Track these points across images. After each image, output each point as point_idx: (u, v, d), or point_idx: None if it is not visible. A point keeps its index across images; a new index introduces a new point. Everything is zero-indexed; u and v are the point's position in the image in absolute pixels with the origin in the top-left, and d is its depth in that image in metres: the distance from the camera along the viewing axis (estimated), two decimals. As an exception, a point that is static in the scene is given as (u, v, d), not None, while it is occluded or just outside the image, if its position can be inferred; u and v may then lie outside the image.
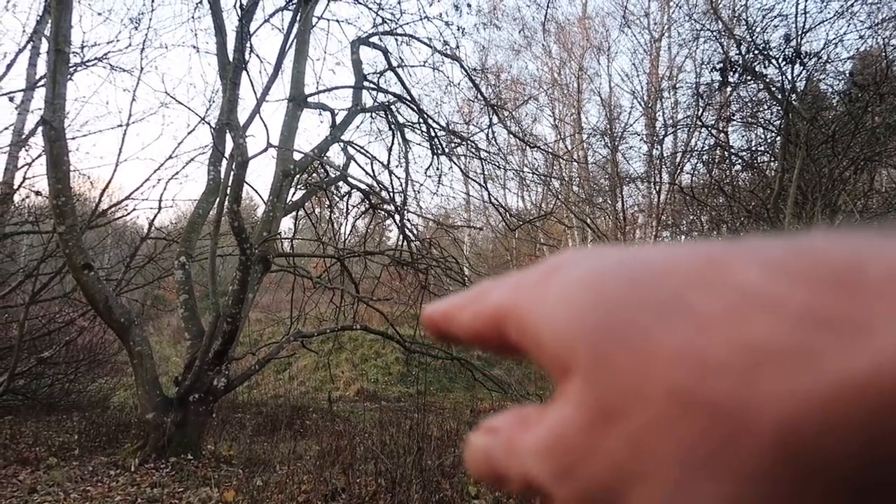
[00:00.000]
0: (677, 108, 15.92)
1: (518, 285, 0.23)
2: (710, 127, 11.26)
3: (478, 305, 0.24)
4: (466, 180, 12.45)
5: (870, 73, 9.02)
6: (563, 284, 0.21)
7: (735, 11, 12.16)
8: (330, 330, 7.82)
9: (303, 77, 7.90)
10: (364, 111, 8.82)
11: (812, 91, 9.62)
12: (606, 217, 19.14)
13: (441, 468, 4.70)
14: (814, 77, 9.37)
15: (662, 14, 17.06)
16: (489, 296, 0.24)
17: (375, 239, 12.15)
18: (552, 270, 0.22)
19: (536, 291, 0.22)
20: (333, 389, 13.15)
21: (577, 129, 19.55)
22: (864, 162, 9.06)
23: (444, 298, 0.27)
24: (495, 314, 0.23)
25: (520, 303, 0.22)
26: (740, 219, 10.64)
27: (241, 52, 5.86)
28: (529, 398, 8.93)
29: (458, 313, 0.25)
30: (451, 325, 0.25)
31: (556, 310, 0.20)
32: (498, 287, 0.24)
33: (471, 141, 9.89)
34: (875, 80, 8.36)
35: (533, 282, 0.22)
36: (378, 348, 15.66)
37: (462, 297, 0.26)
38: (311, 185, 8.51)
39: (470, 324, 0.24)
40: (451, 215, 22.34)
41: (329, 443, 5.55)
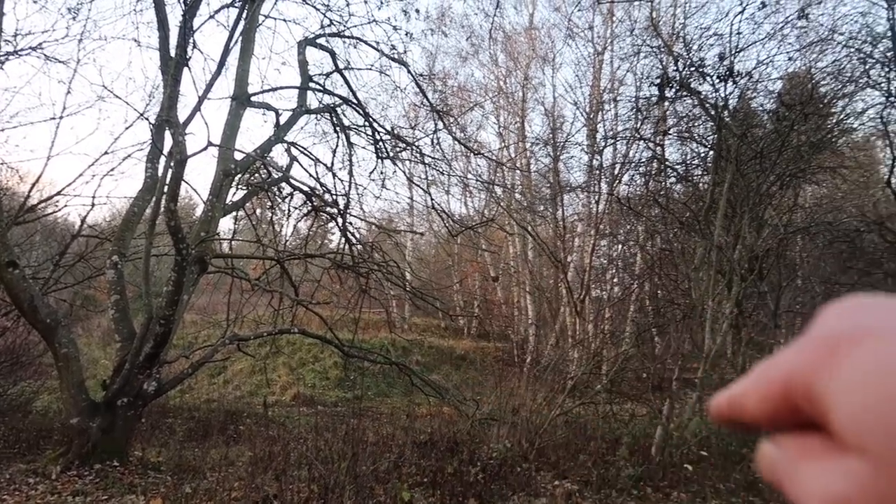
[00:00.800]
0: (617, 120, 16.36)
1: (806, 357, 0.24)
2: (648, 140, 11.62)
3: (766, 384, 0.26)
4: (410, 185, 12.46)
5: (796, 94, 9.49)
6: (859, 370, 0.22)
7: (674, 29, 12.61)
8: (267, 333, 7.70)
9: (247, 76, 7.78)
10: (309, 112, 8.74)
11: (743, 109, 10.05)
12: (547, 225, 19.49)
13: (375, 474, 4.70)
14: (745, 95, 9.80)
15: (606, 28, 17.50)
16: (772, 373, 0.26)
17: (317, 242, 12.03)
18: (844, 346, 0.23)
19: (830, 368, 0.23)
20: (269, 394, 12.93)
21: (521, 138, 19.84)
22: (790, 178, 9.53)
23: (729, 388, 0.29)
24: (784, 388, 0.25)
25: (811, 376, 0.24)
26: (674, 230, 11.02)
27: (183, 48, 5.74)
28: (467, 403, 9.01)
29: (744, 398, 0.27)
30: (742, 410, 0.27)
31: (851, 393, 0.22)
32: (779, 363, 0.26)
33: (416, 146, 9.91)
34: (801, 100, 8.81)
35: (823, 356, 0.24)
36: (316, 352, 15.50)
37: (744, 383, 0.27)
38: (252, 185, 8.37)
39: (761, 406, 0.26)
40: (394, 220, 22.32)
41: (262, 448, 5.48)
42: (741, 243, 8.37)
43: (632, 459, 6.35)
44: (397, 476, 4.71)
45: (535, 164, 20.07)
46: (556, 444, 6.75)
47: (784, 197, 10.37)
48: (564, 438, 7.12)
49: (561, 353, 12.46)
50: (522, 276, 19.67)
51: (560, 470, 6.08)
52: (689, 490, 6.00)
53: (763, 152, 8.80)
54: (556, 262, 16.85)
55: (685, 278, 9.89)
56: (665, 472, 6.26)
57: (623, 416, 8.54)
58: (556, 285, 18.86)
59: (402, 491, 4.37)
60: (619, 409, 8.72)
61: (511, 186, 18.41)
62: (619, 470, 6.03)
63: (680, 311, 9.37)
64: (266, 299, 8.72)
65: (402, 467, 5.03)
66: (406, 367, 8.62)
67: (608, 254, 16.72)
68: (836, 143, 10.73)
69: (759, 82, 9.68)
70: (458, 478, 5.00)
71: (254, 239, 8.77)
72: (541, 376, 9.69)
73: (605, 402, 8.64)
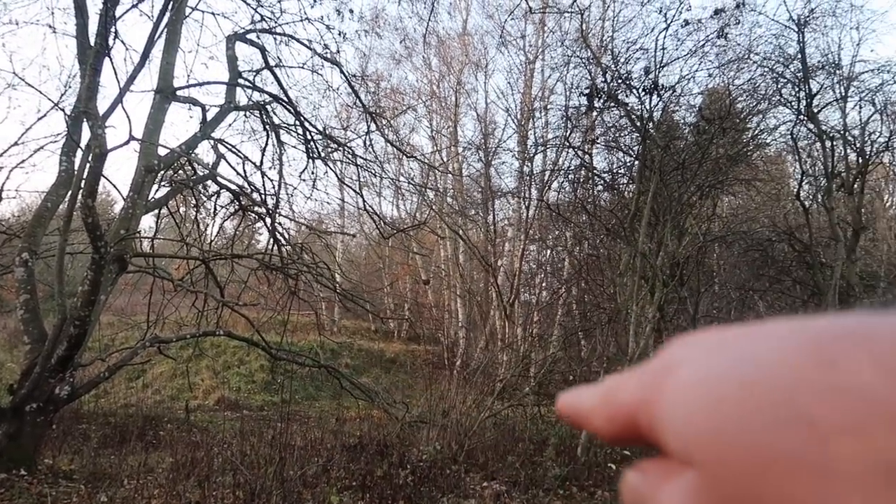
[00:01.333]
0: (547, 128, 16.72)
1: (642, 384, 0.25)
2: (577, 148, 11.90)
3: (610, 408, 0.26)
4: (342, 186, 12.32)
5: (715, 109, 9.94)
6: (679, 386, 0.23)
7: (602, 42, 12.98)
8: (191, 335, 7.44)
9: (172, 69, 7.50)
10: (238, 109, 8.51)
11: (667, 121, 10.44)
12: (478, 229, 19.66)
13: (303, 478, 4.61)
14: (669, 108, 10.19)
15: (537, 37, 17.83)
16: (618, 397, 0.26)
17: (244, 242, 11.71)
18: (670, 368, 0.24)
19: (658, 391, 0.24)
20: (192, 398, 12.51)
21: (453, 142, 19.96)
22: (709, 189, 9.96)
23: (574, 391, 0.30)
24: (628, 416, 0.25)
25: (646, 401, 0.24)
26: (601, 236, 11.33)
27: (104, 37, 5.48)
28: (396, 406, 8.98)
29: (592, 416, 0.27)
30: (589, 424, 0.28)
31: (675, 412, 0.22)
32: (624, 386, 0.26)
33: (348, 147, 9.81)
34: (720, 115, 9.23)
35: (654, 380, 0.25)
36: (242, 355, 15.12)
37: (592, 397, 0.28)
38: (176, 182, 8.08)
39: (606, 426, 0.27)
40: (325, 221, 22.03)
41: (184, 454, 5.28)
42: (664, 250, 8.68)
43: (558, 460, 6.47)
44: (326, 480, 4.63)
45: (467, 169, 20.25)
46: (485, 446, 6.81)
47: (703, 206, 10.82)
48: (493, 440, 7.19)
49: (490, 356, 12.59)
50: (453, 280, 19.77)
51: (489, 471, 6.13)
52: (613, 489, 6.16)
53: (685, 163, 9.17)
54: (486, 266, 17.02)
55: (611, 283, 10.18)
56: (590, 471, 6.41)
57: (550, 418, 8.70)
58: (486, 289, 19.06)
59: (331, 495, 4.30)
60: (547, 411, 8.87)
61: (443, 190, 18.50)
62: (546, 470, 6.13)
63: (605, 315, 9.62)
64: (189, 300, 8.43)
65: (331, 471, 4.95)
66: (335, 370, 8.51)
67: (537, 258, 17.02)
68: (751, 157, 11.29)
69: (681, 96, 10.09)
70: (388, 481, 4.97)
71: (177, 238, 8.46)
72: (470, 379, 9.75)
73: (532, 404, 8.78)
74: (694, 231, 10.39)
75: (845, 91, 9.93)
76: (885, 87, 9.82)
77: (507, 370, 10.57)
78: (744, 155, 10.53)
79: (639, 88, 8.89)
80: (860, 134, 10.19)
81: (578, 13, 9.88)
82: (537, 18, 16.32)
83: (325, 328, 17.31)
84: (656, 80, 8.75)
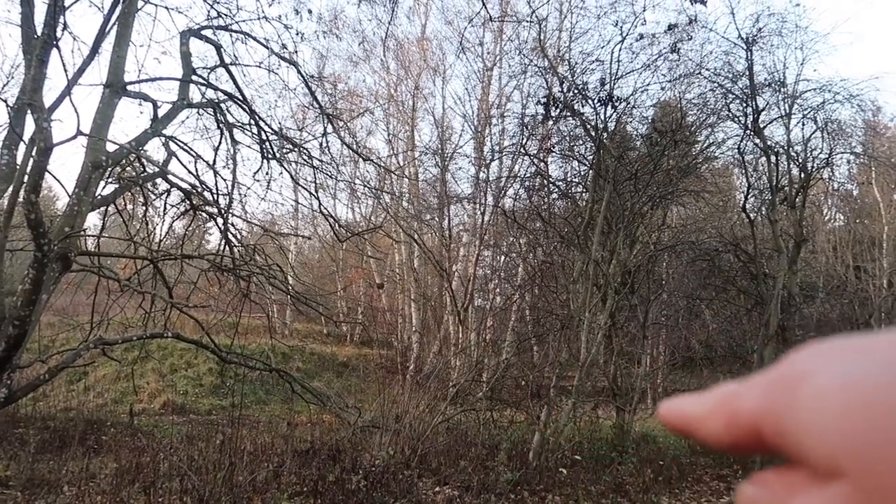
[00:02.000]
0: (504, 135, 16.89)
1: (768, 391, 0.24)
2: (533, 156, 12.04)
3: (729, 415, 0.26)
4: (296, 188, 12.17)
5: (668, 121, 10.20)
6: (822, 392, 0.22)
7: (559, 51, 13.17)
8: (137, 337, 7.23)
9: (123, 63, 7.28)
10: (191, 106, 8.31)
11: (621, 132, 10.66)
12: (433, 234, 19.69)
13: (253, 484, 4.53)
14: (623, 119, 10.41)
15: (496, 45, 17.99)
16: (740, 403, 0.25)
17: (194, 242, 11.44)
18: (801, 375, 0.23)
19: (790, 398, 0.23)
20: (136, 401, 12.15)
21: (410, 147, 19.95)
22: (660, 199, 10.20)
23: (679, 399, 0.29)
24: (751, 422, 0.24)
25: (775, 409, 0.24)
26: (555, 243, 11.47)
27: (51, 27, 5.30)
28: (349, 410, 8.89)
29: (705, 422, 0.27)
30: (700, 432, 0.27)
31: (816, 419, 0.21)
32: (746, 393, 0.25)
33: (303, 148, 9.69)
34: (672, 127, 9.47)
35: (784, 387, 0.24)
36: (189, 358, 14.77)
37: (703, 403, 0.27)
38: (125, 179, 7.84)
39: (723, 433, 0.26)
40: (278, 222, 21.71)
41: (129, 459, 5.12)
42: (616, 258, 8.85)
43: (510, 464, 6.52)
44: (277, 486, 4.55)
45: (424, 174, 20.25)
46: (437, 451, 6.80)
47: (654, 216, 11.08)
48: (446, 445, 7.20)
49: (444, 361, 12.60)
50: (408, 284, 19.73)
51: (441, 476, 6.13)
52: (563, 493, 6.23)
53: (637, 174, 9.38)
54: (440, 271, 17.05)
55: (564, 290, 10.32)
56: (541, 475, 6.47)
57: (502, 423, 8.76)
58: (440, 294, 19.07)
59: (281, 500, 4.23)
60: (499, 416, 8.93)
61: (399, 194, 18.46)
62: (498, 475, 6.16)
63: (558, 322, 9.74)
64: (136, 301, 8.19)
65: (282, 476, 4.87)
66: (286, 374, 8.37)
67: (492, 264, 17.14)
68: (700, 169, 11.62)
69: (635, 108, 10.33)
70: (340, 486, 4.92)
71: (125, 236, 8.21)
72: (424, 384, 9.73)
73: (485, 409, 8.82)
74: (645, 240, 10.63)
75: (789, 108, 10.32)
76: (826, 106, 10.26)
77: (461, 375, 10.60)
78: (693, 167, 10.82)
79: (594, 99, 9.07)
80: (803, 150, 10.60)
81: (536, 23, 10.01)
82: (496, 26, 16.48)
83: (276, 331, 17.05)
84: (611, 91, 8.94)
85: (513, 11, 14.65)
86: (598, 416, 9.61)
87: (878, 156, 15.05)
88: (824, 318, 13.37)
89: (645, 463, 7.69)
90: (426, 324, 18.81)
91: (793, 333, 10.29)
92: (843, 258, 31.41)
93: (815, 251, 20.22)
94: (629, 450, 8.12)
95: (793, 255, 10.00)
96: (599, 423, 9.42)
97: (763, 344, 8.93)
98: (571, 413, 8.32)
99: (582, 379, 7.90)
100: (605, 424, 9.43)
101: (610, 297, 8.58)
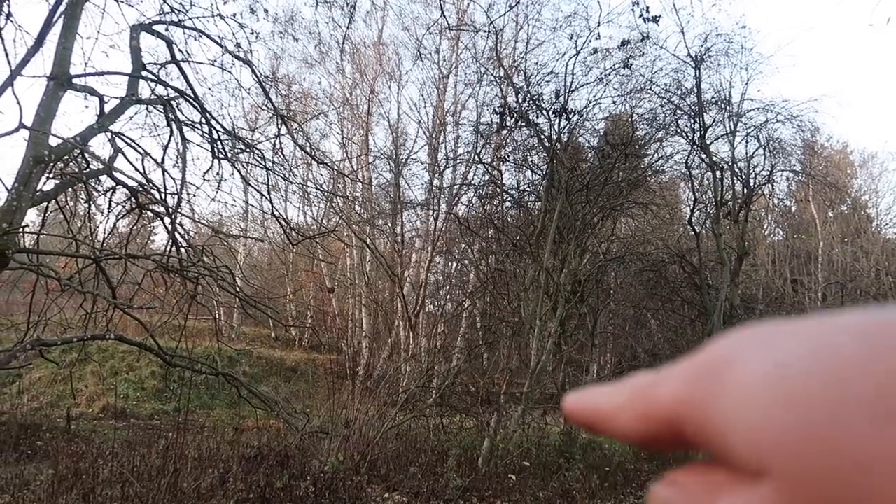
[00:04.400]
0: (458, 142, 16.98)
1: (689, 379, 0.22)
2: (487, 164, 12.16)
3: (644, 406, 0.23)
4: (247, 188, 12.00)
5: (619, 134, 10.45)
6: (745, 382, 0.20)
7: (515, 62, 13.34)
8: (77, 338, 6.99)
9: (69, 55, 7.05)
10: (140, 102, 8.10)
11: (573, 143, 10.86)
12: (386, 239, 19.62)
13: (198, 491, 4.42)
14: (576, 131, 10.61)
15: (452, 53, 18.09)
16: (657, 393, 0.23)
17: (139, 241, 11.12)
18: (726, 363, 0.21)
19: (713, 388, 0.21)
20: (74, 405, 11.71)
21: (365, 151, 19.86)
22: (610, 210, 10.43)
23: (588, 390, 0.26)
24: (669, 415, 0.22)
25: (696, 401, 0.21)
26: (507, 251, 11.58)
27: (-6, 16, 5.10)
28: (297, 416, 8.76)
29: (617, 415, 0.24)
30: (611, 426, 0.24)
31: (740, 412, 0.19)
32: (664, 382, 0.23)
33: (256, 148, 9.56)
34: (622, 141, 9.70)
35: (706, 375, 0.21)
36: (132, 361, 14.34)
37: (616, 394, 0.25)
38: (67, 175, 7.58)
39: (637, 426, 0.23)
40: (228, 223, 21.30)
41: (66, 466, 4.93)
42: (567, 267, 8.99)
43: (459, 470, 6.53)
44: (223, 492, 4.45)
45: (377, 178, 20.17)
46: (387, 457, 6.77)
47: (604, 227, 11.31)
48: (395, 451, 7.17)
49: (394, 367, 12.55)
50: (359, 289, 19.61)
51: (391, 482, 6.10)
52: (512, 499, 6.28)
53: (589, 185, 9.57)
54: (392, 276, 17.01)
55: (515, 298, 10.42)
56: (490, 482, 6.51)
57: (452, 429, 8.78)
58: (391, 299, 19.01)
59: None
60: (449, 422, 8.95)
61: (352, 198, 18.35)
62: (447, 481, 6.17)
63: (509, 329, 9.83)
64: (77, 301, 7.91)
65: (228, 483, 4.77)
66: (233, 378, 8.23)
67: (444, 271, 17.19)
68: (649, 182, 11.93)
69: (587, 121, 10.55)
70: (288, 493, 4.85)
71: (66, 234, 7.93)
72: (373, 389, 9.68)
73: (435, 415, 8.83)
74: (595, 250, 10.83)
75: (734, 126, 10.71)
76: (768, 125, 10.70)
77: (411, 381, 10.58)
78: (643, 180, 11.11)
79: (548, 110, 9.22)
80: (746, 166, 11.01)
81: (493, 33, 10.12)
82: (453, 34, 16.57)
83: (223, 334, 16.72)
84: (565, 103, 9.10)
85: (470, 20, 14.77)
86: (546, 423, 9.72)
87: (816, 174, 15.71)
88: (763, 330, 13.78)
89: (591, 469, 7.82)
90: (377, 329, 18.73)
91: (734, 343, 10.61)
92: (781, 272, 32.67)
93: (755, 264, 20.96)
94: (576, 456, 8.24)
95: (735, 267, 10.35)
96: (548, 429, 9.53)
97: (706, 353, 9.17)
98: (521, 419, 8.40)
99: (531, 386, 7.99)
100: (553, 431, 9.54)
101: (560, 306, 8.70)
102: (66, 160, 7.55)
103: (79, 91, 7.43)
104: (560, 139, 9.32)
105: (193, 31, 8.98)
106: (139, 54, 8.06)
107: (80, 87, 7.40)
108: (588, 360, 11.31)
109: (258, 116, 16.23)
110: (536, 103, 9.30)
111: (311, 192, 16.80)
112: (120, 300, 7.79)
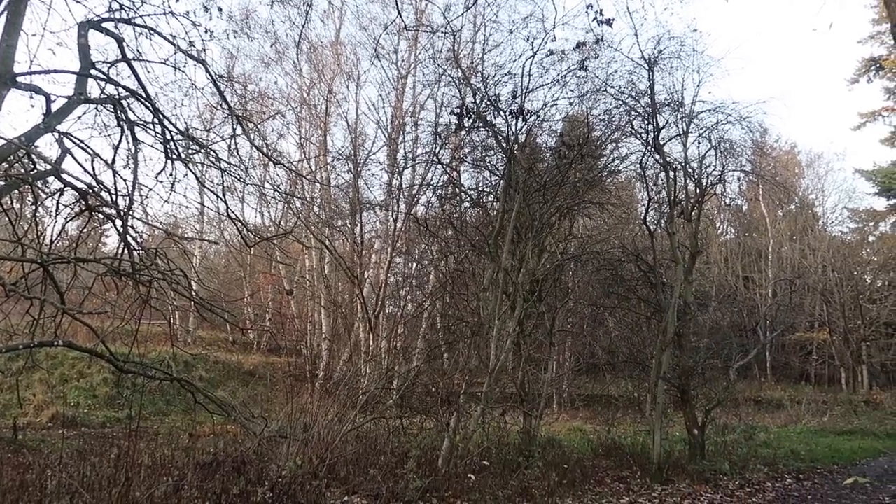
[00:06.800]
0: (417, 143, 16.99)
1: None
2: (445, 165, 12.18)
3: None
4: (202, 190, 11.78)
5: (575, 135, 10.57)
6: None
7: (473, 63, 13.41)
8: (23, 346, 6.75)
9: (13, 53, 6.82)
10: (88, 102, 7.87)
11: (531, 144, 10.96)
12: (345, 240, 19.52)
13: (152, 499, 4.33)
14: (533, 132, 10.71)
15: (410, 54, 18.11)
16: None
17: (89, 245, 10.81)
18: None
19: None
20: (21, 415, 11.33)
21: (323, 151, 19.71)
22: (567, 210, 10.55)
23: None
24: None
25: None
26: (466, 251, 11.63)
27: (-69, 11, 4.90)
28: (254, 421, 8.64)
29: None
30: None
31: None
32: None
33: (211, 149, 9.38)
34: (579, 141, 9.83)
35: None
36: (82, 368, 13.97)
37: None
38: (12, 177, 7.33)
39: None
40: (182, 225, 20.89)
41: (12, 478, 4.77)
42: (525, 267, 9.07)
43: (419, 471, 6.53)
44: (177, 500, 4.37)
45: (336, 179, 20.07)
46: (346, 460, 6.74)
47: (561, 227, 11.43)
48: (355, 453, 7.13)
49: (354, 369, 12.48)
50: (318, 291, 19.45)
51: (350, 485, 6.07)
52: (472, 498, 6.31)
53: (546, 185, 9.67)
54: (352, 278, 16.92)
55: (474, 298, 10.46)
56: (450, 482, 6.53)
57: (412, 430, 8.77)
58: (351, 300, 18.91)
59: (181, 516, 4.07)
60: (409, 423, 8.94)
61: (310, 199, 18.20)
62: (407, 482, 6.17)
63: (469, 329, 9.87)
64: (23, 307, 7.65)
65: (183, 490, 4.68)
66: (188, 384, 8.05)
67: (403, 271, 17.17)
68: (605, 182, 12.10)
69: (544, 121, 10.65)
70: (245, 499, 4.78)
71: (11, 237, 7.66)
72: (333, 392, 9.60)
73: (395, 417, 8.81)
74: (552, 250, 10.95)
75: (687, 127, 10.91)
76: (719, 126, 10.94)
77: (371, 383, 10.54)
78: (599, 180, 11.27)
79: (506, 111, 9.29)
80: (698, 166, 11.23)
81: (451, 34, 10.15)
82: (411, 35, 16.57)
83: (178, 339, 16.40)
84: (522, 104, 9.18)
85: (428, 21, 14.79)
86: (506, 422, 9.79)
87: (765, 174, 16.15)
88: (716, 326, 14.16)
89: (550, 466, 7.90)
90: (336, 331, 18.61)
91: (688, 340, 10.88)
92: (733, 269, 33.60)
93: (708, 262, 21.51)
94: (535, 454, 8.32)
95: (688, 265, 10.56)
96: (507, 428, 9.60)
97: (661, 350, 9.39)
98: (480, 419, 8.44)
99: (491, 385, 8.04)
100: (512, 430, 9.61)
101: (519, 305, 8.78)
102: (11, 161, 7.31)
103: (24, 90, 7.19)
104: (517, 140, 9.40)
105: (144, 28, 8.76)
106: (87, 52, 7.84)
107: (25, 85, 7.17)
108: (547, 358, 11.39)
109: (213, 116, 15.96)
110: (494, 104, 9.35)
111: (268, 194, 16.64)
112: (69, 305, 7.56)
